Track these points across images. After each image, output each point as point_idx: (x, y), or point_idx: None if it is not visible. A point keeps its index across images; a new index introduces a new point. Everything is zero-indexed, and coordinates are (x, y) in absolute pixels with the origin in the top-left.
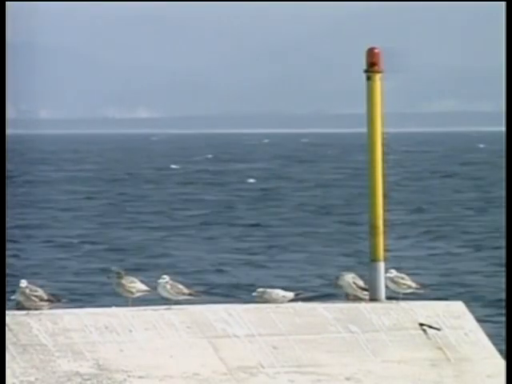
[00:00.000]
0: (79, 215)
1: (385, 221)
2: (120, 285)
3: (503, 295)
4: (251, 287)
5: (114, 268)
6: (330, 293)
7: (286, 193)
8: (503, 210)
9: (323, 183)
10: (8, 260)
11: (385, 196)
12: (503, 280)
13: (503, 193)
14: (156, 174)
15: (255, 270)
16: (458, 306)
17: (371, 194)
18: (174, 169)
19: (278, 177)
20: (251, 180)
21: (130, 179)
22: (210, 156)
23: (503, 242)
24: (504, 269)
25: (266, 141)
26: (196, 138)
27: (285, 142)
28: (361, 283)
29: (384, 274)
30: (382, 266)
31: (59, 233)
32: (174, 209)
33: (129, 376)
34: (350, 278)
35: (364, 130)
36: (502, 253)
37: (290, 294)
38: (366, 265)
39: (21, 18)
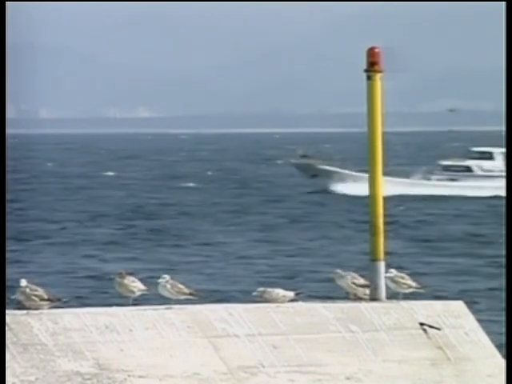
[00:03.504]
0: None
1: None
2: (122, 285)
3: None
4: None
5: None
6: None
7: None
8: None
9: None
10: None
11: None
12: None
13: None
14: None
15: None
16: (458, 306)
17: (371, 194)
18: None
19: None
20: None
21: None
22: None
23: None
24: (504, 270)
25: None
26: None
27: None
28: (361, 281)
29: (384, 274)
30: (382, 265)
31: None
32: None
33: (129, 375)
34: (348, 278)
35: (364, 129)
36: None
37: (291, 294)
38: None
39: (21, 18)
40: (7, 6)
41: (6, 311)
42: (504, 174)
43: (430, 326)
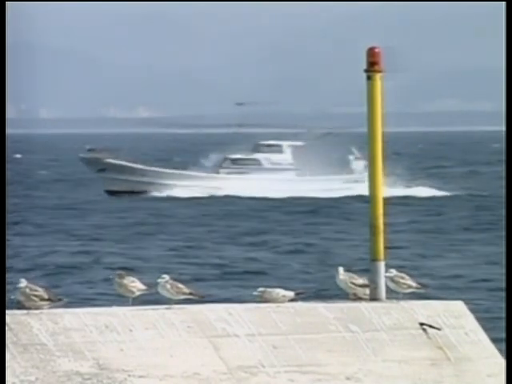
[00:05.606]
0: None
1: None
2: (121, 285)
3: None
4: None
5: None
6: None
7: None
8: None
9: None
10: None
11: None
12: None
13: None
14: None
15: None
16: (459, 306)
17: (371, 194)
18: None
19: None
20: None
21: None
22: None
23: None
24: (504, 269)
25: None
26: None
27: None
28: (359, 281)
29: (384, 274)
30: (382, 265)
31: None
32: None
33: (129, 375)
34: (347, 279)
35: (364, 129)
36: None
37: (291, 294)
38: None
39: (21, 18)
40: (7, 6)
41: (6, 311)
42: (292, 166)
43: (430, 326)
